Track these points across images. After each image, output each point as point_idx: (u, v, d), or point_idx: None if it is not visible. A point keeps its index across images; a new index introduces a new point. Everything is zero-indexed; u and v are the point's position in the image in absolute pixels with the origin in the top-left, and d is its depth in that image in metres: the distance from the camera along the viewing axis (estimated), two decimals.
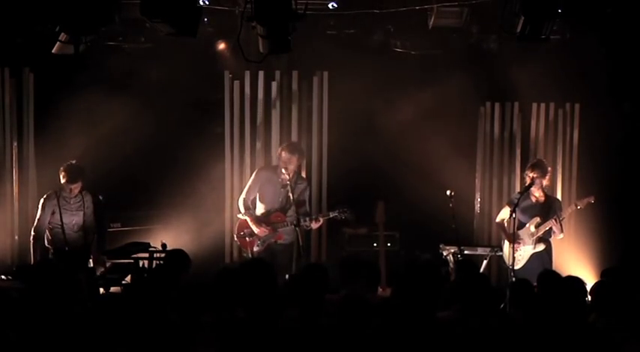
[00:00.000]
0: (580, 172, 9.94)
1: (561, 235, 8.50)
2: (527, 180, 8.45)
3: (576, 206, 8.65)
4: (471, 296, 5.26)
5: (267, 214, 8.41)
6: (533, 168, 8.46)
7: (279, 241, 8.37)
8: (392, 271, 8.61)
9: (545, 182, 8.50)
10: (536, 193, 8.48)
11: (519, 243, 8.37)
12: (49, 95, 9.33)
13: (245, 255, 8.39)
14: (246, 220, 8.37)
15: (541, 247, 8.41)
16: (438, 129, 9.58)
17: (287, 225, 8.33)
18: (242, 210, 8.42)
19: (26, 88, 9.31)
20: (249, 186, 8.51)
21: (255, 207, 8.46)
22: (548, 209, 8.48)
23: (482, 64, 9.47)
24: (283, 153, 8.34)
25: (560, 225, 8.41)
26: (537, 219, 8.39)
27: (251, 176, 8.69)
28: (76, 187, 8.12)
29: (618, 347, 4.99)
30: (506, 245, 8.54)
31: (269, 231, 8.34)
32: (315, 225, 8.47)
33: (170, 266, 6.86)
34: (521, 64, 9.15)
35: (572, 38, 8.28)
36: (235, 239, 8.50)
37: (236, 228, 8.52)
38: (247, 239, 8.37)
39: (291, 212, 8.37)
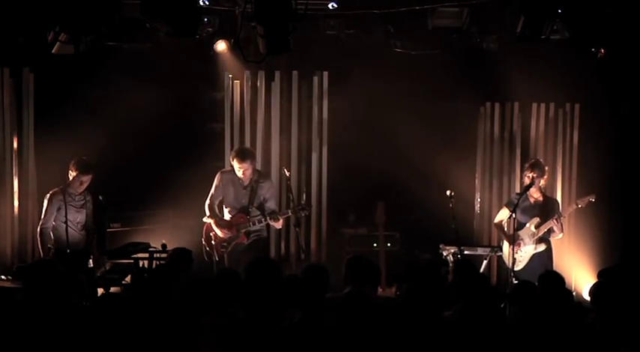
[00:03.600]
0: (580, 172, 9.95)
1: (561, 234, 8.51)
2: (527, 180, 8.44)
3: (577, 205, 8.64)
4: (471, 296, 5.27)
5: (230, 216, 8.46)
6: (532, 167, 8.44)
7: (244, 242, 8.39)
8: (392, 271, 8.63)
9: (543, 182, 8.51)
10: (535, 194, 8.48)
11: (519, 244, 8.36)
12: (49, 95, 9.33)
13: (213, 258, 8.38)
14: (210, 224, 8.42)
15: (542, 247, 8.41)
16: (438, 130, 9.58)
17: (250, 226, 8.35)
18: (207, 213, 8.45)
19: (26, 88, 9.30)
20: (213, 190, 8.52)
21: (221, 210, 8.51)
22: (547, 209, 8.48)
23: (482, 64, 9.47)
24: (236, 163, 8.35)
25: (561, 224, 8.43)
26: (537, 220, 8.40)
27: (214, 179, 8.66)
28: (87, 180, 8.13)
29: (617, 347, 4.99)
30: (505, 246, 8.54)
31: (233, 234, 8.37)
32: (276, 224, 8.46)
33: (173, 264, 6.85)
34: (521, 64, 9.15)
35: (572, 38, 8.27)
36: (203, 243, 8.49)
37: (203, 232, 8.52)
38: (213, 242, 8.39)
39: (254, 212, 8.41)
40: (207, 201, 8.48)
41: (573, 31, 8.13)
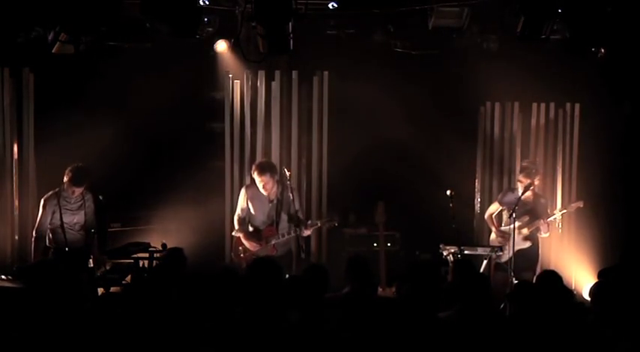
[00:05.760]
0: (580, 172, 9.95)
1: (547, 234, 8.75)
2: (523, 183, 8.58)
3: (565, 209, 8.82)
4: (471, 296, 5.27)
5: (259, 229, 8.49)
6: (527, 174, 8.63)
7: (274, 254, 8.38)
8: (392, 271, 8.63)
9: (537, 182, 8.63)
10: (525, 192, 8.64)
11: (506, 238, 8.60)
12: (49, 95, 9.33)
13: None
14: (239, 237, 8.46)
15: (527, 244, 8.63)
16: (438, 129, 9.58)
17: (280, 238, 8.39)
18: (236, 227, 8.51)
19: (26, 88, 9.30)
20: (240, 204, 8.58)
21: (250, 224, 8.56)
22: (536, 208, 8.72)
23: (482, 64, 9.46)
24: (256, 176, 8.38)
25: (548, 224, 8.65)
26: (526, 218, 8.58)
27: (239, 193, 8.73)
28: (79, 190, 8.14)
29: (616, 346, 4.99)
30: (493, 236, 8.87)
31: (262, 246, 8.40)
32: (307, 232, 8.49)
33: (168, 265, 6.84)
34: (521, 64, 9.15)
35: (572, 38, 8.28)
36: (232, 257, 8.53)
37: (232, 246, 8.60)
38: (242, 255, 8.42)
39: (282, 224, 8.45)
40: (237, 216, 8.54)
41: (573, 31, 8.13)
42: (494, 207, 9.04)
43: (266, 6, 7.30)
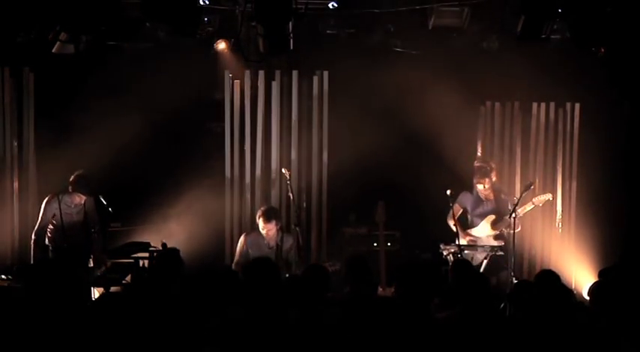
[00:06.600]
0: (580, 172, 9.95)
1: (518, 229, 8.62)
2: (482, 184, 8.74)
3: (534, 204, 8.82)
4: (471, 296, 5.27)
5: None
6: (483, 173, 8.78)
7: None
8: (392, 271, 8.62)
9: (493, 178, 8.83)
10: (486, 192, 8.80)
11: (475, 241, 8.68)
12: (49, 95, 9.33)
13: None
14: None
15: (500, 243, 8.63)
16: (438, 129, 9.57)
17: None
18: None
19: (26, 88, 9.31)
20: (237, 252, 8.46)
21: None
22: (499, 206, 8.76)
23: (482, 64, 9.46)
24: (261, 222, 8.24)
25: (516, 220, 8.56)
26: (493, 217, 8.59)
27: (239, 239, 8.60)
28: (83, 199, 8.16)
29: (616, 347, 4.99)
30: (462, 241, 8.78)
31: None
32: None
33: (163, 266, 6.81)
34: (521, 64, 9.14)
35: (572, 38, 8.28)
36: None
37: None
38: None
39: (282, 268, 8.39)
40: (235, 263, 8.38)
41: (573, 31, 8.14)
42: (455, 210, 8.88)
43: (266, 6, 7.31)
